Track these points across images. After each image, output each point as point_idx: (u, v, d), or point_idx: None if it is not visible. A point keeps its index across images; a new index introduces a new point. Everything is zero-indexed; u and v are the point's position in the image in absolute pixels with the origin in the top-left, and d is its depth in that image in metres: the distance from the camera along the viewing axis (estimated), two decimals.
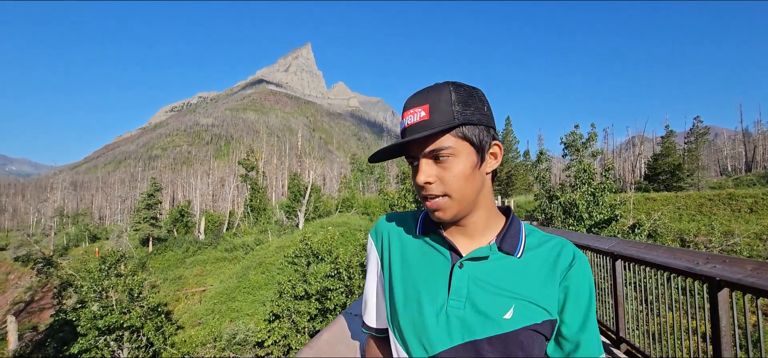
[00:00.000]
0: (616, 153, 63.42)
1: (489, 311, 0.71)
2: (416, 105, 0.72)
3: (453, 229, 0.79)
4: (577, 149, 14.58)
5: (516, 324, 0.70)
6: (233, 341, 17.42)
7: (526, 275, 0.74)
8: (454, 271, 0.75)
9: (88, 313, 16.14)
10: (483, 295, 0.72)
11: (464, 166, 0.71)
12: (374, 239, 0.89)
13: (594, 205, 11.79)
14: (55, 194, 77.15)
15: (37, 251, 42.63)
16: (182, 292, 28.33)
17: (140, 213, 41.52)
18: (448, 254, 0.77)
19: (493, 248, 0.76)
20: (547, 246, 0.77)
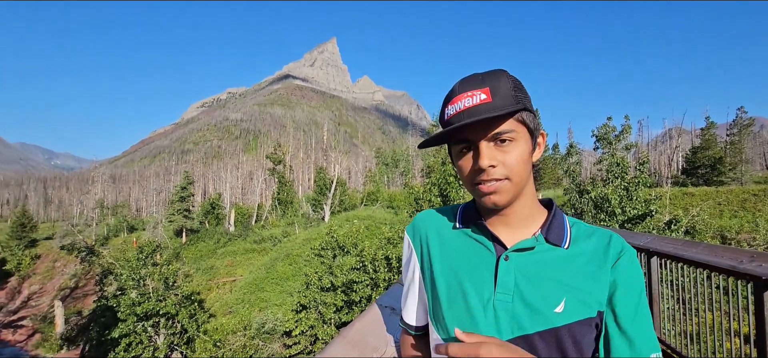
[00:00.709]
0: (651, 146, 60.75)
1: (539, 305, 0.69)
2: (474, 88, 0.70)
3: (495, 220, 0.77)
4: (609, 142, 14.06)
5: (568, 318, 0.69)
6: (262, 330, 17.93)
7: (575, 267, 0.72)
8: (500, 263, 0.73)
9: (127, 300, 16.98)
10: (532, 288, 0.71)
11: (523, 151, 0.71)
12: (411, 235, 0.88)
13: (627, 200, 11.36)
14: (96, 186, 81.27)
15: (81, 241, 45.17)
16: (214, 281, 29.37)
17: (174, 205, 43.20)
18: (492, 246, 0.76)
19: (540, 238, 0.74)
20: (594, 237, 0.75)
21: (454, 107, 0.71)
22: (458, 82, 0.73)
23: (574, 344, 0.68)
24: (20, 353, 28.34)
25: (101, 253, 38.62)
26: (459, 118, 0.70)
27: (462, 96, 0.71)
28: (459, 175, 0.75)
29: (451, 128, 0.69)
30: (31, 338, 30.52)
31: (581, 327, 0.69)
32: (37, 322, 32.41)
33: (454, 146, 0.74)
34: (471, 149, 0.72)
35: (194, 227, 42.74)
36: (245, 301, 23.08)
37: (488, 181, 0.70)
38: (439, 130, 0.81)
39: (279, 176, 46.26)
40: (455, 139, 0.73)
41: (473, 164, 0.71)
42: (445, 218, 0.86)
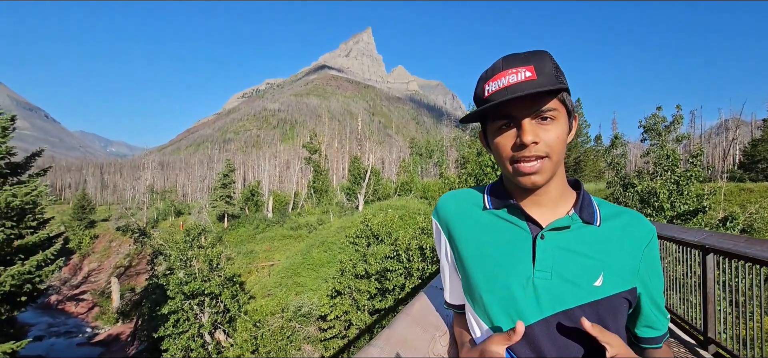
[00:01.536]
0: (704, 138, 56.64)
1: (579, 280, 0.72)
2: (519, 65, 0.71)
3: (528, 201, 0.79)
4: (658, 133, 13.27)
5: (608, 291, 0.73)
6: (299, 313, 18.55)
7: (609, 243, 0.76)
8: (537, 242, 0.75)
9: (175, 279, 18.04)
10: (570, 264, 0.73)
11: (563, 131, 0.73)
12: (437, 219, 0.89)
13: (677, 194, 10.72)
14: (147, 172, 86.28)
15: (134, 223, 48.32)
16: (253, 265, 30.60)
17: (217, 191, 45.18)
18: (526, 225, 0.77)
19: (575, 217, 0.77)
20: (623, 216, 0.79)
21: (496, 83, 0.72)
22: (501, 59, 0.73)
23: (612, 316, 0.73)
24: (82, 324, 30.92)
25: (152, 235, 41.14)
26: (503, 95, 0.70)
27: (506, 72, 0.71)
28: (495, 154, 0.76)
29: (496, 103, 0.69)
30: (91, 310, 33.21)
31: (618, 300, 0.73)
32: (96, 296, 35.18)
33: (492, 123, 0.75)
34: (511, 127, 0.72)
35: (235, 212, 44.53)
36: (282, 285, 23.90)
37: (529, 159, 0.71)
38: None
39: (315, 165, 47.21)
40: (496, 116, 0.73)
41: (514, 141, 0.72)
42: (472, 199, 0.86)
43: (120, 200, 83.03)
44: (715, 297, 3.65)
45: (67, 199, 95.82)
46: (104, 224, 53.18)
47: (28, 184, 11.92)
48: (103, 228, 51.57)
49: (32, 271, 10.91)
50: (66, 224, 49.69)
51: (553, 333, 0.71)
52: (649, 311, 0.80)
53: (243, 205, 47.35)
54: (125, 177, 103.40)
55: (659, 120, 13.80)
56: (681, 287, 4.51)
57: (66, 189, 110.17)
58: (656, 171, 12.63)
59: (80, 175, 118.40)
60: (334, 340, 15.69)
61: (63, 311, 33.99)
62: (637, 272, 0.76)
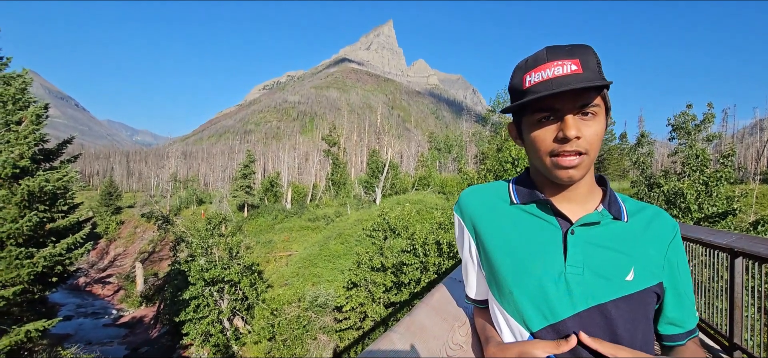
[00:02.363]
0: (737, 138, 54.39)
1: (610, 275, 0.72)
2: (564, 58, 0.70)
3: (558, 196, 0.78)
4: (687, 132, 12.78)
5: (639, 285, 0.73)
6: (315, 303, 18.81)
7: (637, 239, 0.76)
8: (568, 237, 0.74)
9: (196, 265, 18.55)
10: (601, 259, 0.73)
11: (602, 127, 0.73)
12: (460, 215, 0.88)
13: (706, 196, 10.34)
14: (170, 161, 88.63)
15: (158, 210, 49.80)
16: (272, 254, 31.15)
17: (237, 182, 46.09)
18: (556, 221, 0.77)
19: (604, 213, 0.77)
20: (647, 212, 0.80)
21: (540, 75, 0.70)
22: (545, 50, 0.72)
23: (643, 311, 0.73)
24: (108, 306, 32.17)
25: (175, 222, 42.33)
26: (547, 87, 0.69)
27: (551, 64, 0.70)
28: (531, 147, 0.74)
29: (542, 95, 0.68)
30: (117, 293, 34.51)
31: (649, 294, 0.74)
32: (121, 280, 36.51)
33: (530, 116, 0.73)
34: (552, 120, 0.71)
35: (255, 202, 45.35)
36: (300, 275, 24.26)
37: (570, 154, 0.70)
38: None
39: (333, 158, 47.55)
40: (536, 108, 0.72)
41: (555, 135, 0.71)
42: (497, 194, 0.85)
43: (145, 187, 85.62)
44: (743, 302, 3.52)
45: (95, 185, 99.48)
46: (130, 211, 55.01)
47: (60, 170, 12.41)
48: (128, 214, 53.36)
49: (62, 253, 11.40)
50: (94, 209, 51.62)
51: (586, 329, 0.71)
52: (674, 306, 0.79)
53: (262, 195, 48.16)
54: (150, 165, 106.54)
55: (689, 118, 13.29)
56: (707, 291, 4.37)
57: (94, 176, 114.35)
58: (684, 171, 12.22)
59: (108, 163, 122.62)
60: (349, 331, 15.86)
61: (90, 293, 35.44)
62: (663, 267, 0.77)
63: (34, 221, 10.72)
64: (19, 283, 10.42)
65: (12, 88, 11.98)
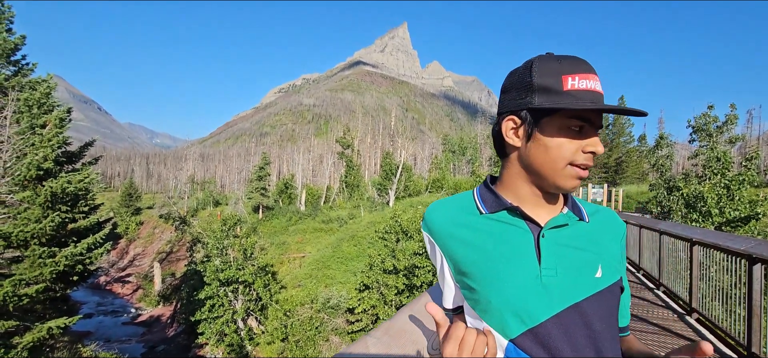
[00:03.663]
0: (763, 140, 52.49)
1: (583, 273, 0.74)
2: (595, 75, 0.73)
3: (527, 203, 0.79)
4: (709, 134, 12.42)
5: (607, 281, 0.76)
6: (327, 305, 18.91)
7: (599, 237, 0.80)
8: (541, 240, 0.75)
9: (212, 266, 18.86)
10: (573, 259, 0.75)
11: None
12: (428, 232, 0.87)
13: (727, 199, 10.02)
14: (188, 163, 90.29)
15: (175, 212, 50.84)
16: (286, 256, 31.44)
17: (253, 183, 46.70)
18: (526, 226, 0.77)
19: (570, 214, 0.79)
20: (603, 212, 0.86)
21: (585, 82, 0.70)
22: (580, 60, 0.73)
23: (612, 305, 0.76)
24: (127, 304, 32.96)
25: (191, 223, 43.13)
26: (593, 99, 0.70)
27: (593, 77, 0.72)
28: (549, 150, 0.73)
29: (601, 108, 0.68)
30: (136, 292, 35.34)
31: (615, 288, 0.77)
32: (140, 279, 37.39)
33: (562, 120, 0.72)
34: (579, 132, 0.72)
35: (270, 204, 45.86)
36: (313, 276, 24.42)
37: (588, 167, 0.74)
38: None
39: (347, 160, 47.77)
40: (575, 115, 0.71)
41: (581, 146, 0.72)
42: (463, 207, 0.84)
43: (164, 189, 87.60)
44: (762, 310, 3.41)
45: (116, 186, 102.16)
46: (149, 212, 56.30)
47: (82, 172, 12.82)
48: (147, 215, 54.62)
49: (83, 253, 11.75)
50: (115, 210, 52.99)
51: (564, 328, 0.71)
52: (625, 300, 0.85)
53: (277, 197, 48.68)
54: (169, 167, 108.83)
55: (710, 120, 12.91)
56: (725, 299, 4.24)
57: (115, 177, 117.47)
58: (705, 174, 11.89)
59: (128, 165, 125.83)
60: (361, 333, 15.89)
61: (110, 291, 36.39)
62: (620, 261, 0.82)
63: (57, 222, 11.08)
64: (42, 281, 10.78)
65: (37, 92, 12.43)
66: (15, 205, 11.24)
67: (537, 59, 0.74)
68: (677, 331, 4.51)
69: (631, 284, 7.10)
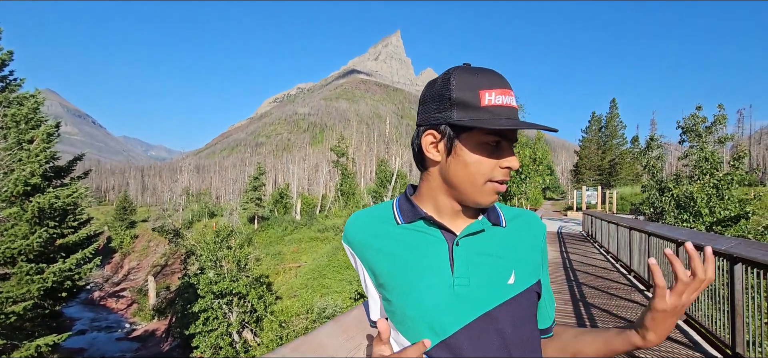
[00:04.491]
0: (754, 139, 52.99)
1: (495, 280, 0.73)
2: (510, 89, 0.73)
3: (445, 213, 0.78)
4: (698, 134, 12.52)
5: (520, 287, 0.74)
6: (323, 315, 18.76)
7: (515, 242, 0.79)
8: (454, 249, 0.74)
9: (206, 278, 18.69)
10: (486, 266, 0.74)
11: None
12: (349, 244, 0.86)
13: (717, 199, 10.06)
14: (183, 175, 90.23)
15: (170, 224, 50.50)
16: (281, 266, 31.26)
17: (248, 194, 46.58)
18: (440, 234, 0.77)
19: (485, 221, 0.78)
20: (522, 216, 0.85)
21: (501, 98, 0.70)
22: (496, 74, 0.73)
23: (527, 312, 0.75)
24: (121, 320, 32.57)
25: (185, 235, 42.85)
26: (509, 114, 0.70)
27: (509, 92, 0.72)
28: (468, 167, 0.72)
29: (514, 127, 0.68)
30: (130, 307, 34.93)
31: (530, 294, 0.76)
32: (134, 293, 36.98)
33: (479, 136, 0.71)
34: (497, 147, 0.72)
35: (265, 214, 45.71)
36: (308, 286, 24.27)
37: (505, 183, 0.74)
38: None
39: (342, 168, 47.75)
40: (491, 131, 0.71)
41: (497, 162, 0.72)
42: (381, 217, 0.83)
43: (159, 201, 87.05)
44: (744, 309, 3.39)
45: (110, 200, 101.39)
46: (144, 225, 55.89)
47: (70, 186, 12.70)
48: (142, 228, 54.21)
49: (72, 268, 11.61)
50: (109, 224, 52.57)
51: (475, 338, 0.71)
52: (545, 301, 0.84)
53: (272, 207, 48.53)
54: (164, 180, 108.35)
55: (699, 120, 13.03)
56: (709, 299, 4.23)
57: (110, 191, 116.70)
58: (695, 174, 11.96)
59: (123, 178, 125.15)
60: None
61: (105, 307, 35.96)
62: (538, 265, 0.81)
63: (45, 237, 10.94)
64: (30, 298, 10.62)
65: (25, 108, 12.35)
66: (2, 221, 11.11)
67: (454, 71, 0.74)
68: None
69: (623, 286, 7.08)
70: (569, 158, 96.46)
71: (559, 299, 6.24)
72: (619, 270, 8.64)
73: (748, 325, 3.42)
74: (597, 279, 7.72)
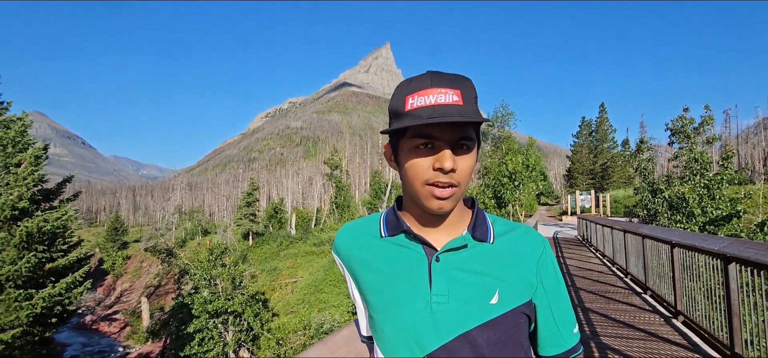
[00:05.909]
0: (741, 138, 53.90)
1: (475, 299, 0.70)
2: (447, 86, 0.68)
3: (425, 226, 0.76)
4: (687, 136, 12.69)
5: (503, 308, 0.70)
6: (321, 330, 18.52)
7: (502, 259, 0.75)
8: (433, 265, 0.72)
9: (200, 298, 18.39)
10: (466, 284, 0.71)
11: (474, 161, 0.71)
12: (338, 255, 0.86)
13: (708, 199, 10.16)
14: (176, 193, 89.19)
15: (163, 243, 49.84)
16: (277, 282, 30.90)
17: (241, 210, 46.19)
18: (422, 249, 0.75)
19: (468, 237, 0.75)
20: (516, 231, 0.79)
21: (423, 99, 0.67)
22: (429, 74, 0.70)
23: (511, 333, 0.71)
24: (114, 343, 31.88)
25: (178, 254, 42.29)
26: (430, 113, 0.66)
27: (434, 91, 0.67)
28: (406, 173, 0.71)
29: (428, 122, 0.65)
30: (123, 330, 34.20)
31: (516, 315, 0.72)
32: (127, 316, 36.25)
33: (408, 140, 0.70)
34: (430, 149, 0.68)
35: (259, 230, 45.32)
36: (305, 301, 23.99)
37: (445, 185, 0.68)
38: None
39: (336, 181, 47.62)
40: (417, 134, 0.68)
41: (432, 165, 0.68)
42: (368, 229, 0.83)
43: (151, 221, 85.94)
44: (740, 308, 3.39)
45: (102, 221, 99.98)
46: (136, 245, 55.07)
47: (59, 209, 12.49)
48: (135, 249, 53.40)
49: (62, 293, 11.36)
50: (101, 245, 51.71)
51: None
52: (546, 326, 0.78)
53: (267, 222, 48.15)
54: (156, 199, 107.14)
55: (687, 122, 13.21)
56: (706, 300, 4.23)
57: (101, 212, 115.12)
58: (686, 175, 12.09)
59: (114, 199, 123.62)
60: None
61: (97, 330, 35.17)
62: (532, 284, 0.75)
63: (33, 262, 10.72)
64: (18, 326, 10.36)
65: (12, 131, 12.18)
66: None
67: (398, 85, 0.74)
68: (663, 335, 4.47)
69: (620, 290, 7.07)
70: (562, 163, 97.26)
71: None
72: (615, 273, 8.64)
73: (745, 323, 3.41)
74: (594, 283, 7.72)
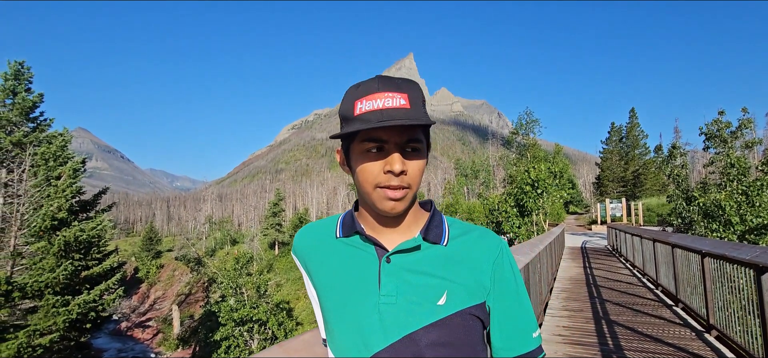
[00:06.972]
0: None
1: (422, 300, 0.70)
2: (394, 90, 0.70)
3: (379, 227, 0.77)
4: (723, 140, 12.04)
5: (450, 309, 0.70)
6: None
7: (454, 262, 0.74)
8: (382, 266, 0.72)
9: (226, 306, 18.81)
10: (414, 286, 0.71)
11: (424, 163, 0.73)
12: (296, 255, 0.87)
13: (747, 206, 9.55)
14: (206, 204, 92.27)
15: (193, 253, 51.44)
16: (302, 291, 31.21)
17: (268, 220, 47.16)
18: (374, 250, 0.75)
19: (419, 238, 0.75)
20: (472, 234, 0.79)
21: (371, 103, 0.69)
22: (377, 79, 0.72)
23: (460, 335, 0.70)
24: (147, 349, 33.00)
25: (207, 263, 43.49)
26: (377, 117, 0.67)
27: (381, 95, 0.69)
28: (358, 177, 0.73)
29: (377, 126, 0.66)
30: (156, 337, 35.41)
31: (464, 317, 0.71)
32: (160, 323, 37.53)
33: (358, 144, 0.71)
34: (379, 152, 0.70)
35: (285, 240, 46.05)
36: None
37: (396, 187, 0.69)
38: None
39: None
40: (365, 138, 0.70)
41: (383, 167, 0.69)
42: (326, 230, 0.84)
43: (183, 231, 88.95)
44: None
45: (138, 232, 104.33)
46: (169, 255, 57.12)
47: (95, 219, 13.13)
48: (167, 258, 55.39)
49: (96, 299, 11.89)
50: (136, 254, 53.90)
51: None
52: (500, 329, 0.76)
53: (292, 232, 48.87)
54: (188, 209, 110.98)
55: (723, 126, 12.55)
56: (737, 310, 3.96)
57: (137, 222, 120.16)
58: (722, 182, 11.45)
59: (150, 210, 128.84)
60: None
61: (131, 337, 36.54)
62: (485, 287, 0.75)
63: (70, 270, 11.29)
64: (56, 330, 10.89)
65: (53, 146, 12.96)
66: (31, 255, 11.53)
67: (347, 90, 0.75)
68: (694, 350, 4.21)
69: (649, 302, 6.73)
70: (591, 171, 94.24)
71: (581, 318, 5.97)
72: (645, 285, 8.25)
73: None
74: (622, 295, 7.38)
